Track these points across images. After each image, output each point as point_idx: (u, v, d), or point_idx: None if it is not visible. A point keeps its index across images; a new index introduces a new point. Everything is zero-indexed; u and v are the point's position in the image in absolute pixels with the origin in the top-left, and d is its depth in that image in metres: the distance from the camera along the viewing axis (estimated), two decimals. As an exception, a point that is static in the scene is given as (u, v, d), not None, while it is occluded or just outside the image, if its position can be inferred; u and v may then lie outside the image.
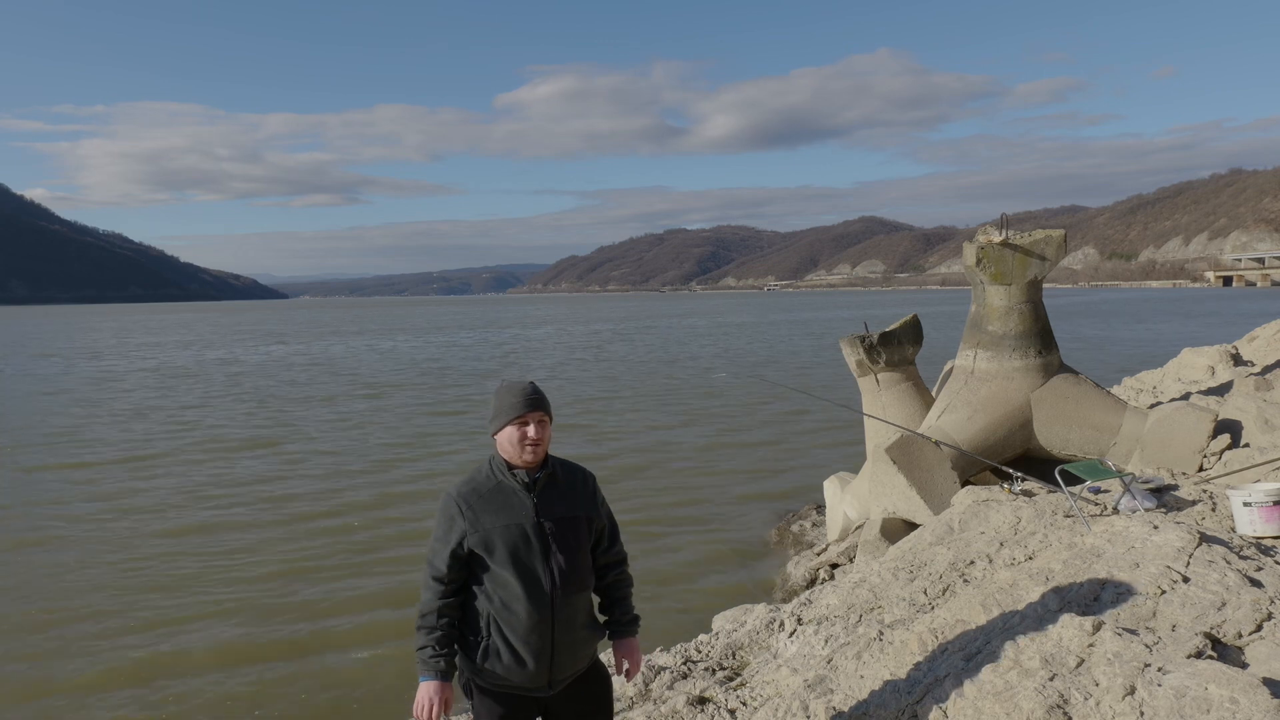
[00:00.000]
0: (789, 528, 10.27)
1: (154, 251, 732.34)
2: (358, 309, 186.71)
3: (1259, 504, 5.01)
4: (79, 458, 15.95)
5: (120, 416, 21.47)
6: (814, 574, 8.10)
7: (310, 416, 21.17)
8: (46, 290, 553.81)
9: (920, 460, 7.28)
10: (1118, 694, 3.05)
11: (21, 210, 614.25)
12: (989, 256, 8.04)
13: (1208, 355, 13.72)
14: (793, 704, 3.84)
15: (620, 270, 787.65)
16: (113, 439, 18.00)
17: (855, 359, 8.92)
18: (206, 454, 16.28)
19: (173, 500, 12.56)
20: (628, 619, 3.13)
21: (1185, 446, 7.09)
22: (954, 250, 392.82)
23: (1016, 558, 4.82)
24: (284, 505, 12.24)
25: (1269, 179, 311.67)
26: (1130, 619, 3.68)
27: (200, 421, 20.46)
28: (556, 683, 2.90)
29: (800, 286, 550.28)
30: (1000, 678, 3.34)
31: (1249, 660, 3.28)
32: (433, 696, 2.82)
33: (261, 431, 18.86)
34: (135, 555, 9.87)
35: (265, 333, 71.44)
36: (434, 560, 2.86)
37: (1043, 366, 7.88)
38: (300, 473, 14.43)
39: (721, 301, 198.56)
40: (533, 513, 2.86)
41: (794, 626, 5.06)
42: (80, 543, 10.39)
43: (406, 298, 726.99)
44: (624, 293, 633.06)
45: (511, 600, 2.80)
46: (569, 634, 2.87)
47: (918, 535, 5.97)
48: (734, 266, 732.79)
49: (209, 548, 10.17)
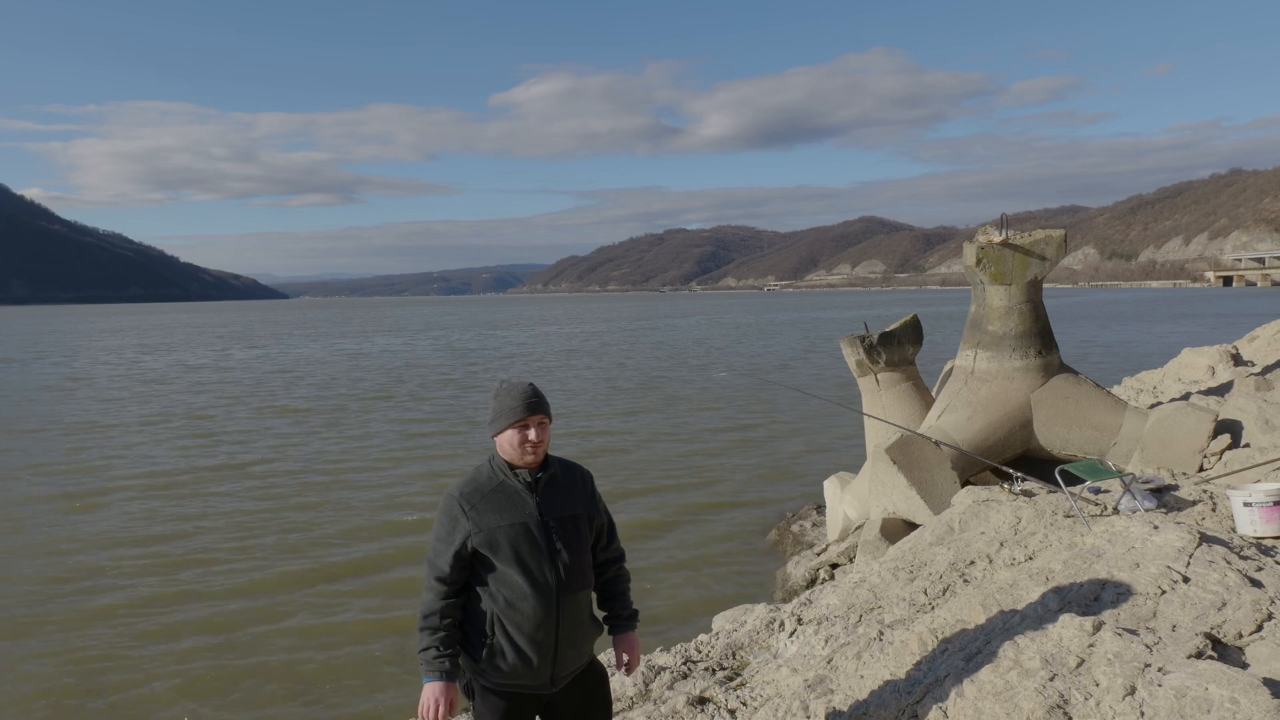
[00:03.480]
0: (789, 528, 10.27)
1: (154, 252, 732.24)
2: (358, 309, 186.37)
3: (1259, 504, 5.01)
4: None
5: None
6: (814, 574, 8.10)
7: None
8: (47, 290, 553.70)
9: (920, 460, 7.28)
10: (1118, 694, 3.05)
11: (22, 210, 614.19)
12: (989, 256, 8.04)
13: (1208, 355, 13.72)
14: (793, 704, 3.83)
15: (620, 270, 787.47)
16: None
17: (855, 359, 8.92)
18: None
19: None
20: (627, 614, 3.16)
21: (1185, 446, 7.08)
22: (954, 250, 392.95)
23: (1016, 558, 4.82)
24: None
25: (1269, 179, 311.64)
26: (1130, 619, 3.68)
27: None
28: (559, 680, 2.92)
29: (800, 286, 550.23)
30: (1000, 678, 3.34)
31: (1249, 660, 3.28)
32: (438, 697, 2.82)
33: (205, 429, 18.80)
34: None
35: (235, 334, 71.27)
36: (436, 561, 2.86)
37: (1043, 366, 7.88)
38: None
39: (721, 301, 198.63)
40: (536, 512, 2.87)
41: (794, 626, 5.06)
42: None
43: (406, 298, 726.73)
44: (624, 293, 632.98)
45: (517, 599, 2.81)
46: (573, 630, 2.89)
47: (918, 535, 5.97)
48: (734, 266, 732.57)
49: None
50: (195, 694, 6.66)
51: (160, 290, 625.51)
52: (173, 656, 7.31)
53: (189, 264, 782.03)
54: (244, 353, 46.17)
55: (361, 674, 6.95)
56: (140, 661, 7.25)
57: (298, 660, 7.22)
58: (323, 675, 6.94)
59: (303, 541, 10.47)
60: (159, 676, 6.97)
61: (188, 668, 7.08)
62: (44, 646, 7.56)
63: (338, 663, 7.16)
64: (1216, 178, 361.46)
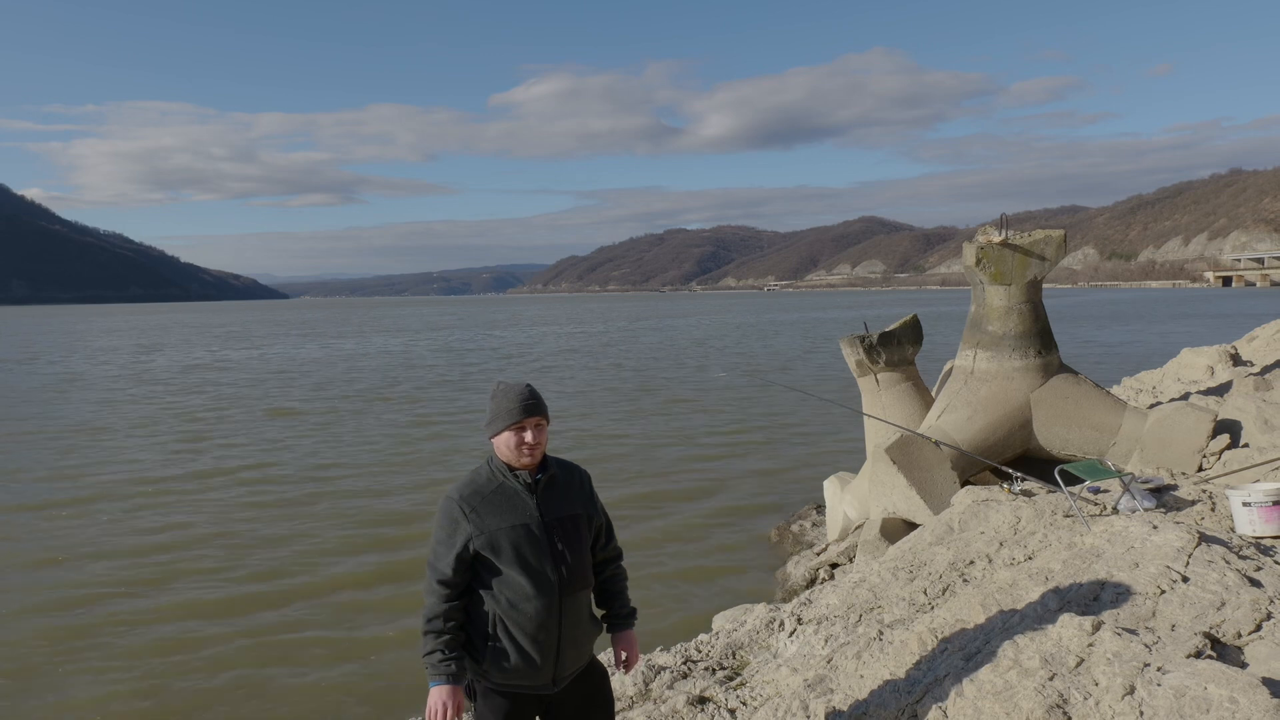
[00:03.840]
0: (789, 528, 10.27)
1: (154, 252, 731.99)
2: (358, 309, 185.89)
3: (1258, 504, 5.01)
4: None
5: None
6: (814, 574, 8.11)
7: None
8: (47, 290, 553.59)
9: (920, 460, 7.28)
10: (1117, 694, 3.05)
11: (23, 210, 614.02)
12: (989, 256, 8.04)
13: (1207, 355, 13.72)
14: (793, 704, 3.84)
15: (620, 270, 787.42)
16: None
17: (855, 359, 8.92)
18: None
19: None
20: (625, 612, 3.18)
21: (1185, 446, 7.09)
22: (954, 250, 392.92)
23: (1016, 558, 4.82)
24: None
25: (1269, 179, 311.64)
26: (1130, 619, 3.68)
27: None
28: (560, 679, 2.93)
29: (800, 286, 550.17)
30: (1000, 677, 3.35)
31: (1248, 660, 3.28)
32: (445, 700, 2.82)
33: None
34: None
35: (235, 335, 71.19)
36: (438, 564, 2.86)
37: (1042, 366, 7.88)
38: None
39: (721, 301, 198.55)
40: (536, 513, 2.88)
41: (794, 626, 5.07)
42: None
43: (406, 298, 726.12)
44: (624, 293, 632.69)
45: (519, 600, 2.82)
46: (574, 630, 2.91)
47: (917, 535, 5.97)
48: (734, 266, 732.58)
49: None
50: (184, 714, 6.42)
51: (160, 290, 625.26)
52: (153, 670, 7.05)
53: (189, 264, 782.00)
54: (241, 353, 46.17)
55: (366, 686, 6.93)
56: (122, 678, 6.94)
57: (276, 676, 6.95)
58: (319, 689, 6.84)
59: (292, 553, 10.13)
60: (146, 693, 6.68)
61: (184, 684, 6.93)
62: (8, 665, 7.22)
63: (332, 677, 7.03)
64: (1216, 178, 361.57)
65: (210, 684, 6.83)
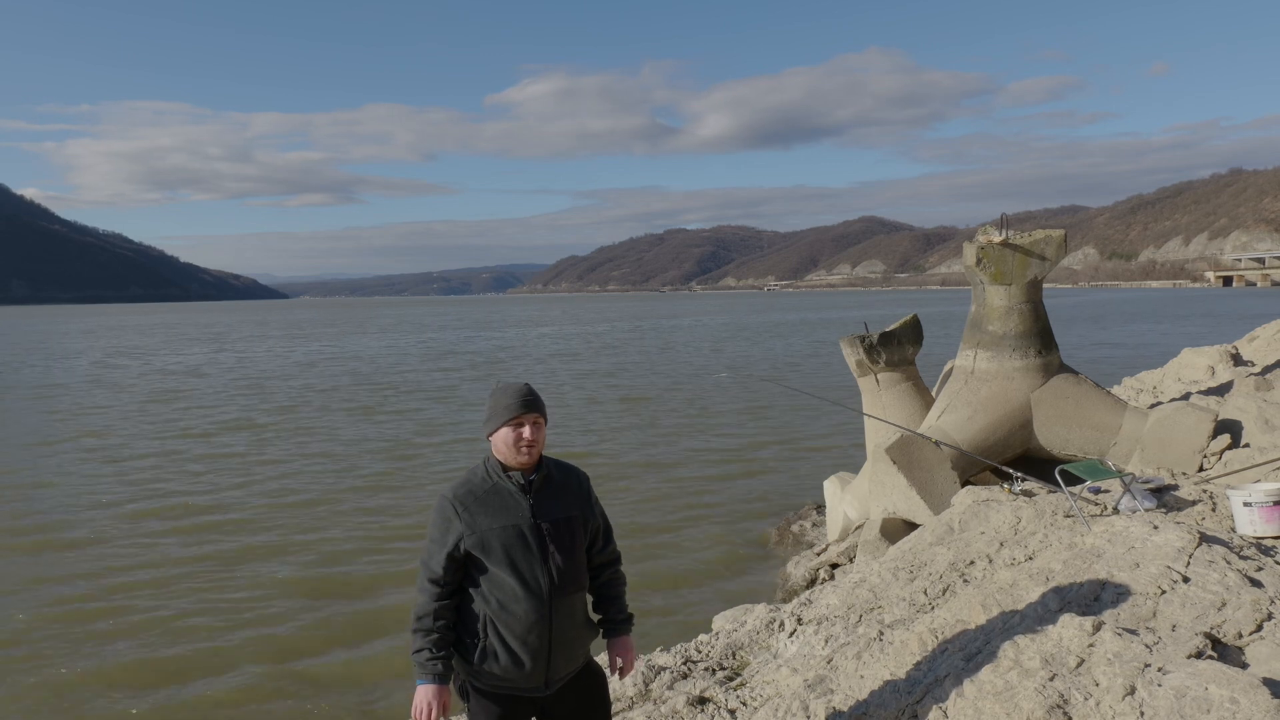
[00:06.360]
0: (789, 528, 10.27)
1: (154, 252, 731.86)
2: (357, 309, 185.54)
3: (1259, 504, 5.01)
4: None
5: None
6: (814, 574, 8.10)
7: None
8: (47, 290, 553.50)
9: (920, 460, 7.28)
10: (1118, 694, 3.05)
11: (22, 210, 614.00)
12: (989, 256, 8.04)
13: (1208, 355, 13.72)
14: (793, 704, 3.83)
15: (620, 270, 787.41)
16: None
17: (855, 359, 8.92)
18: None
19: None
20: (622, 617, 3.15)
21: (1185, 446, 7.08)
22: (954, 250, 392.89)
23: (1016, 558, 4.82)
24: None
25: (1269, 179, 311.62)
26: (1130, 619, 3.68)
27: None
28: (553, 682, 2.91)
29: (800, 286, 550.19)
30: (1000, 678, 3.34)
31: (1249, 660, 3.28)
32: (431, 700, 2.82)
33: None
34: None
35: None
36: (429, 562, 2.86)
37: (1043, 366, 7.88)
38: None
39: (721, 301, 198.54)
40: (529, 514, 2.87)
41: (794, 626, 5.06)
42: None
43: (406, 298, 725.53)
44: (624, 293, 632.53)
45: (509, 601, 2.81)
46: (566, 633, 2.89)
47: (918, 535, 5.97)
48: (734, 266, 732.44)
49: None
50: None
51: (160, 290, 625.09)
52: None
53: (189, 264, 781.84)
54: (236, 354, 46.17)
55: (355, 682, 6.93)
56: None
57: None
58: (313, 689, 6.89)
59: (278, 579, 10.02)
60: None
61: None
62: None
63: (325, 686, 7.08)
64: (1216, 178, 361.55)
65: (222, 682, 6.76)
